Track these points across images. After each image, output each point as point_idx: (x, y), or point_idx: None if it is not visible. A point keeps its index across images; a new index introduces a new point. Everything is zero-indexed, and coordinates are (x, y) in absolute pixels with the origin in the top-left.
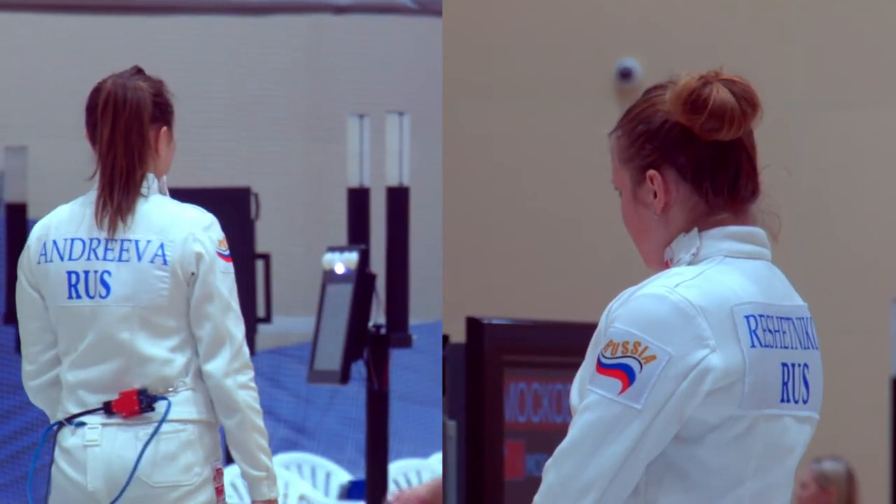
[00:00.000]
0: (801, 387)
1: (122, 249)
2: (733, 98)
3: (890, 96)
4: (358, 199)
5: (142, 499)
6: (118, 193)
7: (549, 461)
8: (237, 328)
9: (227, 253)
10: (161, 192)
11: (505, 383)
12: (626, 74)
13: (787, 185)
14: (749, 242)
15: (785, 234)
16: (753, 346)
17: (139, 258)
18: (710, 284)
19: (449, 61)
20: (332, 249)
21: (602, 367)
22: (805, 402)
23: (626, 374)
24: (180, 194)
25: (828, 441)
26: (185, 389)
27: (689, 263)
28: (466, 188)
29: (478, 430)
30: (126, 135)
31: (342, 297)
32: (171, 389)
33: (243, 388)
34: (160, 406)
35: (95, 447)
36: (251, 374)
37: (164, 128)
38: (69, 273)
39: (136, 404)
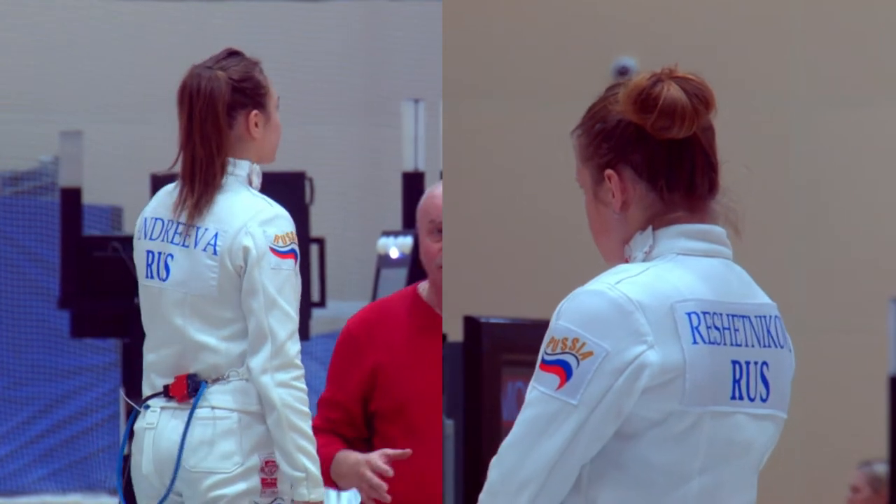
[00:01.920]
0: (758, 385)
1: (185, 235)
2: (685, 96)
3: (889, 95)
4: (413, 183)
5: (178, 482)
6: (199, 185)
7: (494, 458)
8: (281, 326)
9: (287, 249)
10: (249, 178)
11: (503, 382)
12: (623, 73)
13: (785, 183)
14: (704, 240)
15: (783, 232)
16: (696, 342)
17: (195, 245)
18: (652, 281)
19: (447, 60)
20: (386, 234)
21: (543, 364)
22: (763, 400)
23: (564, 370)
24: None
25: (826, 440)
26: (237, 379)
27: (643, 261)
28: (463, 186)
29: (476, 429)
30: (201, 125)
31: (397, 281)
32: (222, 378)
33: (281, 387)
34: (201, 391)
35: (152, 430)
36: (295, 373)
37: (255, 111)
38: (147, 252)
39: (185, 388)
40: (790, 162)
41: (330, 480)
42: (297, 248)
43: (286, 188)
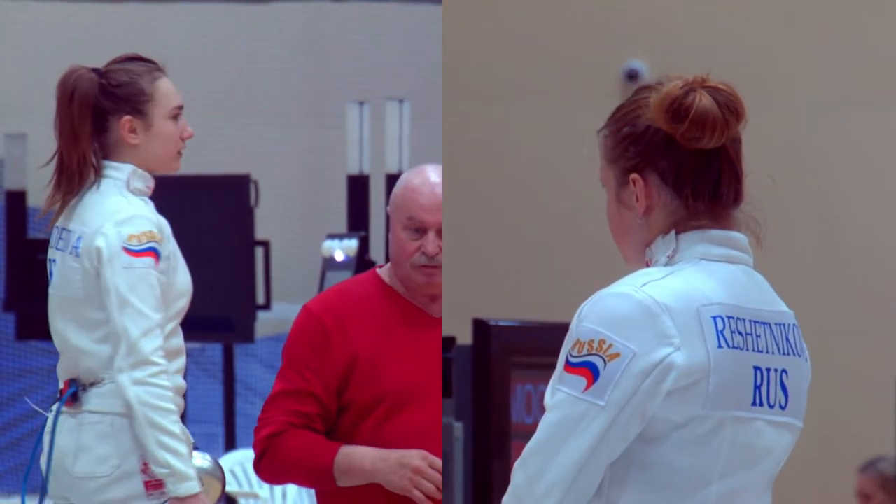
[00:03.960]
0: (779, 392)
1: (60, 238)
2: (716, 106)
3: None
4: (357, 186)
5: (70, 488)
6: (64, 183)
7: (518, 461)
8: (134, 324)
9: (143, 248)
10: (129, 182)
11: (511, 385)
12: (633, 76)
13: (795, 186)
14: (726, 246)
15: (792, 235)
16: (720, 346)
17: (66, 249)
18: (677, 284)
19: (450, 62)
20: (331, 236)
21: (569, 366)
22: (783, 407)
23: (591, 372)
24: (179, 182)
25: (834, 442)
26: (110, 382)
27: (665, 265)
28: (469, 187)
29: (485, 431)
30: (70, 124)
31: None
32: (98, 381)
33: (137, 384)
34: (81, 396)
35: (49, 435)
36: (152, 369)
37: (128, 116)
38: (49, 260)
39: (65, 393)
40: (800, 165)
41: (330, 478)
42: (158, 246)
43: (231, 191)
